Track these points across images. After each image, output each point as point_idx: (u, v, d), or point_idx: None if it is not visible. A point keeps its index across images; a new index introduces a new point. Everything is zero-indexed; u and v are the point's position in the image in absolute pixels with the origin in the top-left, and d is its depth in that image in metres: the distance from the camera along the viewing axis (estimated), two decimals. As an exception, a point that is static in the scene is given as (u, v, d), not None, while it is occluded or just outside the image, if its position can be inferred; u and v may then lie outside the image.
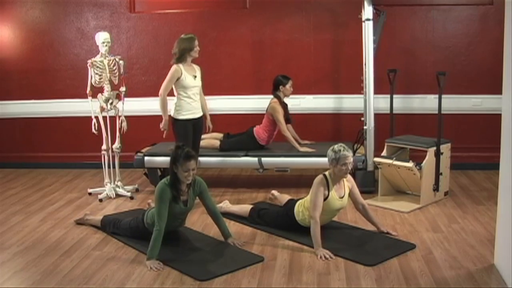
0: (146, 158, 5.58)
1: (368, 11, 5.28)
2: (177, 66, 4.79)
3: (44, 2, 6.58)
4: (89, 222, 4.59)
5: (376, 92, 5.43)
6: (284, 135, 5.54)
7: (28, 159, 6.83)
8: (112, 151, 5.53)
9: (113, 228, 4.33)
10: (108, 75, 5.35)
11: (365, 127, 5.44)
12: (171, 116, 4.90)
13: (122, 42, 6.54)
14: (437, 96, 4.99)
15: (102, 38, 5.31)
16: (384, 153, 5.18)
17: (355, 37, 5.83)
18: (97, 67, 5.31)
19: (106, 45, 5.31)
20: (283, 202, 4.68)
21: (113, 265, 3.76)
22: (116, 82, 5.40)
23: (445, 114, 5.18)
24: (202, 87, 5.03)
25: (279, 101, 5.55)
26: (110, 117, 5.50)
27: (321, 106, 6.38)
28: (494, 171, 4.48)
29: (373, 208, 4.32)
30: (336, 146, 4.05)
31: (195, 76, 4.89)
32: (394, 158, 4.99)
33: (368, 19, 5.29)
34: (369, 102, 5.38)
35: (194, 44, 4.79)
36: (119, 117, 5.48)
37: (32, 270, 3.71)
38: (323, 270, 3.61)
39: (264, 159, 5.47)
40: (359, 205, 4.26)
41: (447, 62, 6.11)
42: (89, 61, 5.31)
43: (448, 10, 6.16)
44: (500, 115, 3.55)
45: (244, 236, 4.26)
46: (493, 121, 4.87)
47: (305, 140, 5.80)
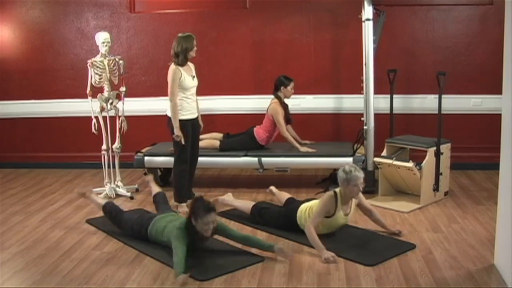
0: (146, 158, 5.58)
1: (368, 11, 5.28)
2: (176, 67, 4.75)
3: (44, 2, 6.58)
4: (90, 199, 4.58)
5: (376, 92, 5.43)
6: (284, 136, 5.54)
7: (28, 159, 6.83)
8: (112, 151, 5.53)
9: (115, 219, 4.31)
10: (108, 75, 5.35)
11: (365, 127, 5.44)
12: (169, 117, 4.83)
13: (122, 42, 6.54)
14: (437, 96, 4.99)
15: (102, 38, 5.31)
16: (384, 153, 5.18)
17: (355, 37, 5.82)
18: (97, 67, 5.31)
19: (106, 45, 5.30)
20: (282, 200, 4.68)
21: (113, 265, 3.76)
22: (116, 82, 5.40)
23: (445, 114, 5.18)
24: (197, 87, 4.98)
25: (280, 102, 5.55)
26: (110, 117, 5.50)
27: (321, 106, 6.38)
28: (494, 171, 4.48)
29: (373, 208, 4.31)
30: (347, 167, 3.97)
31: (193, 76, 4.87)
32: (394, 158, 4.99)
33: (368, 19, 5.29)
34: (369, 102, 5.38)
35: (193, 44, 4.77)
36: (119, 117, 5.48)
37: (32, 270, 3.71)
38: (323, 270, 3.61)
39: (264, 159, 5.47)
40: (367, 212, 4.25)
41: (447, 62, 6.11)
42: (89, 61, 5.31)
43: (448, 10, 6.16)
44: (500, 115, 3.55)
45: (244, 236, 4.26)
46: (493, 121, 4.87)
47: (305, 140, 5.80)
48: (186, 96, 4.82)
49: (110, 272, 3.65)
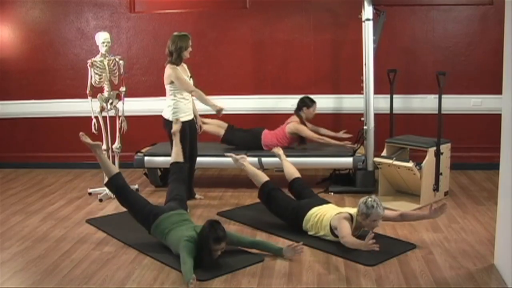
0: (146, 158, 5.59)
1: (368, 11, 5.28)
2: (174, 66, 4.72)
3: (44, 2, 6.58)
4: (97, 156, 4.22)
5: (376, 92, 5.43)
6: (318, 141, 5.50)
7: (28, 159, 6.83)
8: (112, 151, 5.53)
9: (122, 197, 4.12)
10: (108, 75, 5.35)
11: (365, 127, 5.44)
12: (165, 119, 4.81)
13: (122, 42, 6.54)
14: (437, 96, 4.99)
15: (102, 38, 5.31)
16: (384, 153, 5.18)
17: (355, 37, 5.82)
18: (97, 67, 5.31)
19: (106, 45, 5.30)
20: (287, 175, 4.63)
21: (113, 265, 3.76)
22: (116, 82, 5.40)
23: (445, 114, 5.18)
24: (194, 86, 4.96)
25: (300, 121, 5.56)
26: (110, 117, 5.50)
27: (321, 106, 6.34)
28: (494, 171, 4.48)
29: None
30: (370, 201, 3.81)
31: (190, 77, 4.86)
32: (394, 158, 4.99)
33: (368, 19, 5.29)
34: (369, 102, 5.38)
35: (188, 43, 4.73)
36: (119, 117, 5.48)
37: (32, 270, 3.71)
38: (323, 270, 3.61)
39: (264, 159, 5.47)
40: (397, 217, 4.08)
41: (447, 62, 6.11)
42: (89, 61, 5.31)
43: (448, 10, 6.16)
44: (500, 115, 3.55)
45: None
46: (493, 121, 4.87)
47: (338, 132, 5.74)
48: (183, 97, 4.80)
49: (110, 272, 3.65)
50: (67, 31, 6.60)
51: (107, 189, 4.29)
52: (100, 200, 5.31)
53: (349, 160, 5.34)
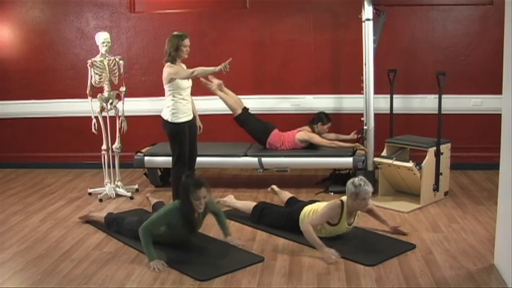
0: (146, 158, 5.59)
1: (368, 11, 5.28)
2: (172, 64, 4.70)
3: (44, 2, 6.58)
4: (93, 218, 4.60)
5: (376, 92, 5.43)
6: (331, 146, 5.47)
7: (28, 159, 6.83)
8: (112, 151, 5.53)
9: (116, 226, 4.33)
10: (108, 75, 5.35)
11: (365, 127, 5.44)
12: (164, 120, 4.79)
13: (122, 42, 6.54)
14: (437, 96, 4.99)
15: (102, 38, 5.31)
16: (384, 153, 5.18)
17: (355, 37, 5.82)
18: (97, 67, 5.31)
19: (106, 45, 5.30)
20: (284, 199, 4.67)
21: (113, 265, 3.76)
22: (116, 82, 5.40)
23: (445, 114, 5.18)
24: (192, 87, 4.93)
25: (312, 132, 5.57)
26: (110, 117, 5.50)
27: (321, 106, 6.36)
28: (494, 171, 4.48)
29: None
30: (357, 180, 3.89)
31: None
32: (394, 158, 4.99)
33: (368, 19, 5.29)
34: (369, 102, 5.39)
35: (184, 42, 4.63)
36: (119, 117, 5.48)
37: (32, 270, 3.71)
38: (323, 270, 3.61)
39: (264, 159, 5.47)
40: (368, 211, 4.22)
41: (447, 62, 6.11)
42: (89, 61, 5.31)
43: (448, 10, 6.16)
44: (500, 115, 3.55)
45: (244, 236, 4.26)
46: (493, 121, 4.87)
47: (346, 134, 5.75)
48: (183, 97, 4.76)
49: (110, 272, 3.65)
50: (67, 31, 6.60)
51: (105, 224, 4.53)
52: (100, 200, 5.31)
53: (349, 160, 5.34)
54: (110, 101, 5.42)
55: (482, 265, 3.63)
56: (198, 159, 5.21)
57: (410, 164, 4.83)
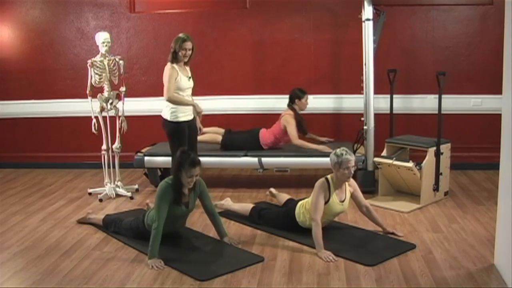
0: (146, 158, 5.58)
1: (368, 11, 5.28)
2: (172, 66, 4.72)
3: (44, 2, 6.58)
4: (91, 221, 4.60)
5: (376, 92, 5.43)
6: (296, 145, 5.46)
7: (28, 159, 6.83)
8: (112, 151, 5.53)
9: (115, 227, 4.33)
10: (108, 75, 5.35)
11: (365, 127, 5.44)
12: (164, 119, 4.80)
13: (122, 42, 6.54)
14: (437, 96, 4.99)
15: (102, 38, 5.31)
16: (384, 153, 5.18)
17: (355, 37, 5.82)
18: (97, 67, 5.31)
19: (106, 45, 5.30)
20: (282, 201, 4.69)
21: (113, 265, 3.76)
22: (116, 82, 5.40)
23: (445, 114, 5.18)
24: (194, 88, 4.95)
25: (294, 114, 5.54)
26: (110, 117, 5.50)
27: (321, 106, 6.37)
28: (494, 171, 4.48)
29: (373, 208, 4.32)
30: (339, 150, 4.03)
31: (189, 77, 4.84)
32: (394, 158, 4.99)
33: (368, 19, 5.29)
34: (369, 102, 5.38)
35: (183, 45, 4.64)
36: (119, 117, 5.48)
37: (32, 270, 3.71)
38: (323, 270, 3.61)
39: (264, 159, 5.47)
40: (362, 207, 4.26)
41: (447, 62, 6.11)
42: (89, 61, 5.31)
43: (448, 10, 6.16)
44: (500, 115, 3.55)
45: (244, 236, 4.26)
46: (493, 121, 4.88)
47: (323, 137, 5.76)
48: (183, 97, 4.77)
49: (110, 272, 3.65)
50: (67, 31, 6.60)
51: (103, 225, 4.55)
52: (100, 200, 5.31)
53: (349, 160, 5.33)
54: (110, 101, 5.42)
55: (482, 265, 3.63)
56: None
57: (410, 164, 4.83)
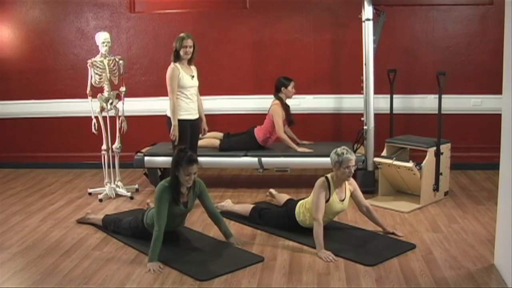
0: (146, 158, 5.58)
1: (368, 11, 5.28)
2: (174, 65, 4.75)
3: (44, 2, 6.58)
4: (90, 221, 4.60)
5: (376, 92, 5.43)
6: (280, 137, 5.51)
7: (28, 159, 6.83)
8: (112, 151, 5.53)
9: (114, 227, 4.33)
10: (108, 75, 5.35)
11: (365, 127, 5.44)
12: (168, 117, 4.84)
13: (122, 42, 6.54)
14: (437, 96, 4.99)
15: (102, 38, 5.31)
16: (384, 153, 5.18)
17: (355, 37, 5.82)
18: (97, 67, 5.31)
19: (106, 45, 5.30)
20: (282, 202, 4.69)
21: (113, 265, 3.76)
22: (116, 82, 5.40)
23: (445, 114, 5.18)
24: (199, 88, 5.00)
25: (281, 103, 5.54)
26: (110, 117, 5.50)
27: (321, 106, 6.37)
28: (494, 171, 4.48)
29: (373, 208, 4.32)
30: (339, 149, 4.03)
31: (193, 76, 4.86)
32: (394, 158, 4.99)
33: (368, 19, 5.29)
34: (369, 102, 5.38)
35: (183, 42, 4.71)
36: (119, 117, 5.48)
37: (32, 270, 3.71)
38: (323, 270, 3.61)
39: (264, 159, 5.47)
40: (362, 207, 4.25)
41: (447, 62, 6.10)
42: (89, 61, 5.31)
43: (448, 10, 6.16)
44: (500, 115, 3.55)
45: (244, 236, 4.26)
46: (493, 121, 4.87)
47: (303, 140, 5.80)
48: (185, 96, 4.80)
49: (110, 272, 3.65)
50: (67, 31, 6.60)
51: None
52: (100, 200, 5.31)
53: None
54: (110, 101, 5.42)
55: (482, 265, 3.63)
56: (199, 159, 5.21)
57: (410, 164, 4.83)
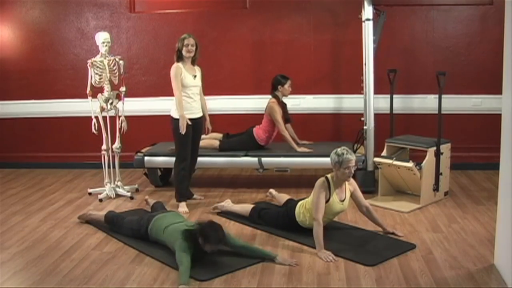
0: (146, 158, 5.58)
1: (368, 11, 5.28)
2: (177, 64, 4.80)
3: (44, 2, 6.58)
4: (92, 217, 4.60)
5: (376, 92, 5.43)
6: (282, 134, 5.53)
7: (28, 159, 6.83)
8: (112, 151, 5.53)
9: (116, 224, 4.32)
10: (108, 75, 5.35)
11: (365, 127, 5.44)
12: (171, 117, 4.88)
13: (122, 42, 6.54)
14: (437, 96, 4.99)
15: (102, 38, 5.31)
16: (384, 153, 5.18)
17: (355, 37, 5.82)
18: (97, 67, 5.31)
19: (106, 45, 5.30)
20: (282, 202, 4.69)
21: (113, 265, 3.76)
22: (116, 82, 5.40)
23: (445, 114, 5.18)
24: (202, 88, 5.03)
25: (278, 101, 5.55)
26: (110, 117, 5.50)
27: (321, 106, 6.37)
28: (494, 171, 4.48)
29: (373, 208, 4.32)
30: (339, 150, 4.03)
31: (195, 76, 4.89)
32: (394, 158, 4.99)
33: (368, 19, 5.29)
34: (369, 102, 5.38)
35: (184, 41, 4.78)
36: (119, 117, 5.48)
37: (32, 270, 3.71)
38: (323, 270, 3.61)
39: (264, 159, 5.47)
40: (362, 207, 4.25)
41: (447, 62, 6.11)
42: (89, 61, 5.31)
43: (448, 10, 6.16)
44: (500, 115, 3.55)
45: (244, 236, 4.26)
46: (493, 121, 4.87)
47: (303, 140, 5.80)
48: (187, 95, 4.84)
49: (110, 272, 3.65)
50: (67, 31, 6.60)
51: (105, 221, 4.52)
52: (100, 200, 5.31)
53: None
54: (110, 101, 5.42)
55: (482, 265, 3.63)
56: (198, 159, 5.23)
57: (410, 164, 4.83)
